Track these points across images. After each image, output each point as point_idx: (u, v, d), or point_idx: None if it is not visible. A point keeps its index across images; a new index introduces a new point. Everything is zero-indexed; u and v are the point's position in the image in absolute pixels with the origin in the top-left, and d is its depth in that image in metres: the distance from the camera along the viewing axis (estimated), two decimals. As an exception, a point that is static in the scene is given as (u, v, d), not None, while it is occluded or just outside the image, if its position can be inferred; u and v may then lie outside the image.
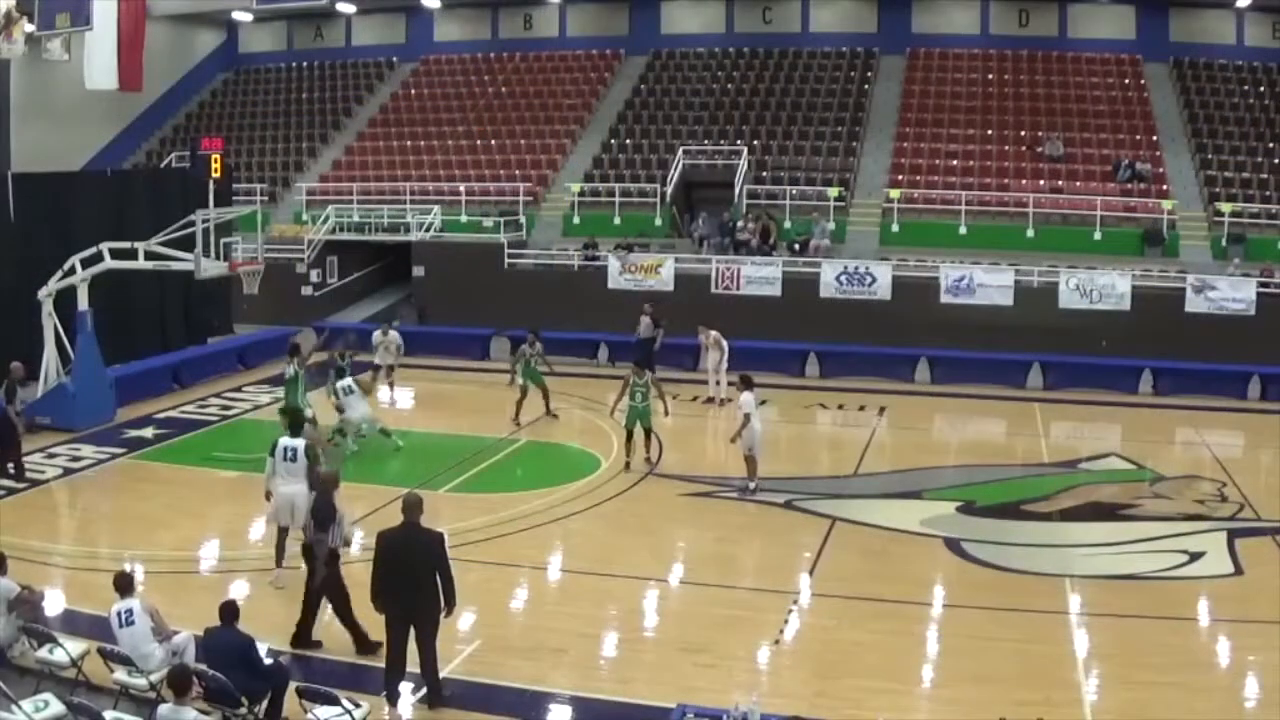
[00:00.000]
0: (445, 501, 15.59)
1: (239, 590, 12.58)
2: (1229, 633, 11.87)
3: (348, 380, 18.32)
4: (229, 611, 9.37)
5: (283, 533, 12.69)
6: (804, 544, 14.34)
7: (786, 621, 11.96)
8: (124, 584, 9.93)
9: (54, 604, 11.76)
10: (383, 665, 10.11)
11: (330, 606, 11.01)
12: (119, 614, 9.73)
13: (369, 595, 10.04)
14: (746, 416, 16.11)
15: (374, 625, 10.35)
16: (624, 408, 17.71)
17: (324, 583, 10.90)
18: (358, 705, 9.00)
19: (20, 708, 8.71)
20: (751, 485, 16.29)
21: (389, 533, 10.04)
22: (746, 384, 16.55)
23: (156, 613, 9.89)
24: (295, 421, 13.34)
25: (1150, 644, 11.43)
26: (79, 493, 16.60)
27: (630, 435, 17.63)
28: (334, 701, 8.92)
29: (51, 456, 17.83)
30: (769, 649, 11.33)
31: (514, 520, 15.01)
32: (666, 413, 18.22)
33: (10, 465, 16.62)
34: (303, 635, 11.03)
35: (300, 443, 12.68)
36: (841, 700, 10.12)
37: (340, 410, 18.22)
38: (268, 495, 12.91)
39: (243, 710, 9.02)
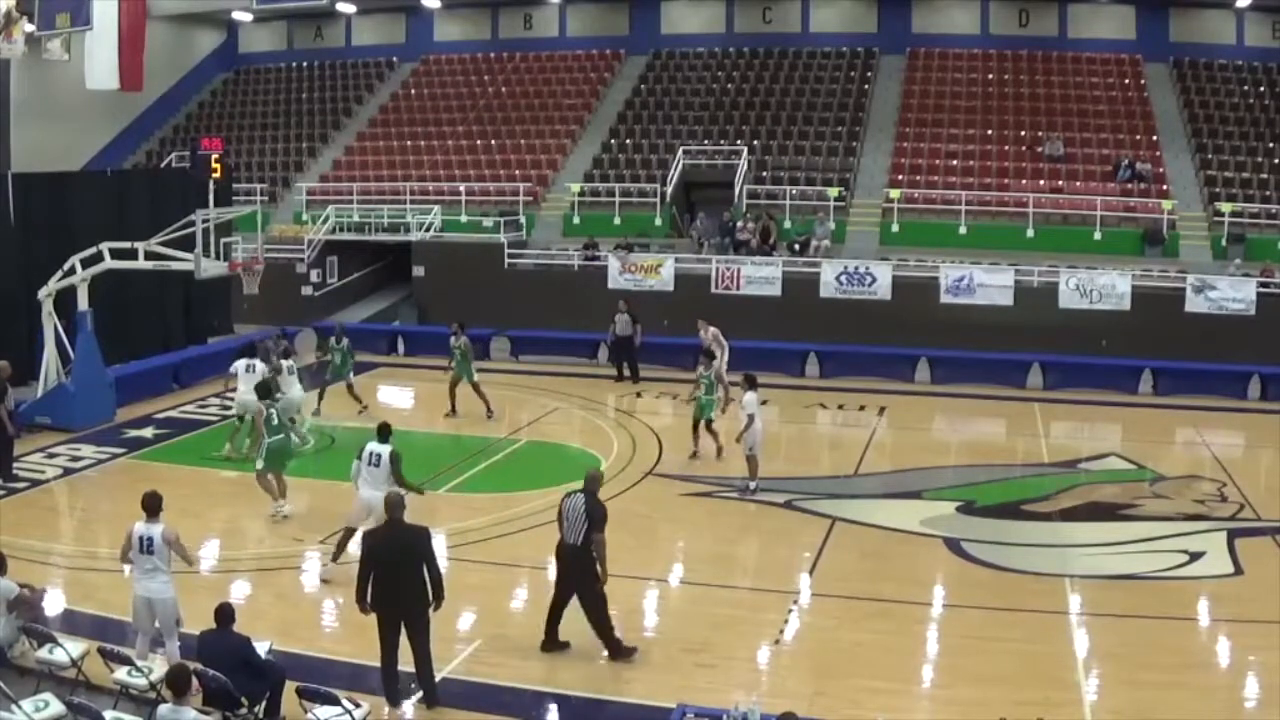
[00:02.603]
0: (445, 501, 15.59)
1: (239, 590, 12.60)
2: (1229, 633, 11.88)
3: (290, 361, 18.76)
4: (224, 614, 9.34)
5: (350, 533, 12.77)
6: (804, 544, 14.34)
7: (786, 621, 11.96)
8: (152, 505, 10.10)
9: (54, 604, 11.77)
10: (400, 669, 10.08)
11: (587, 610, 10.85)
12: (140, 539, 9.96)
13: (354, 595, 9.97)
14: (750, 417, 16.09)
15: (367, 625, 10.32)
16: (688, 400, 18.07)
17: (597, 587, 10.82)
18: (358, 705, 9.00)
19: (20, 708, 8.72)
20: (752, 485, 16.29)
21: (374, 532, 10.10)
22: (750, 384, 16.49)
23: (177, 540, 10.06)
24: (383, 428, 13.29)
25: (1150, 644, 11.42)
26: (79, 492, 16.60)
27: (696, 425, 18.00)
28: (334, 701, 8.92)
29: (51, 456, 17.84)
30: (769, 649, 11.33)
31: (514, 520, 15.00)
32: (723, 410, 18.22)
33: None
34: (552, 637, 10.99)
35: (386, 449, 12.77)
36: (841, 700, 10.12)
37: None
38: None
39: (243, 710, 9.02)
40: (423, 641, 9.85)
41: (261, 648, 9.64)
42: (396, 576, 9.76)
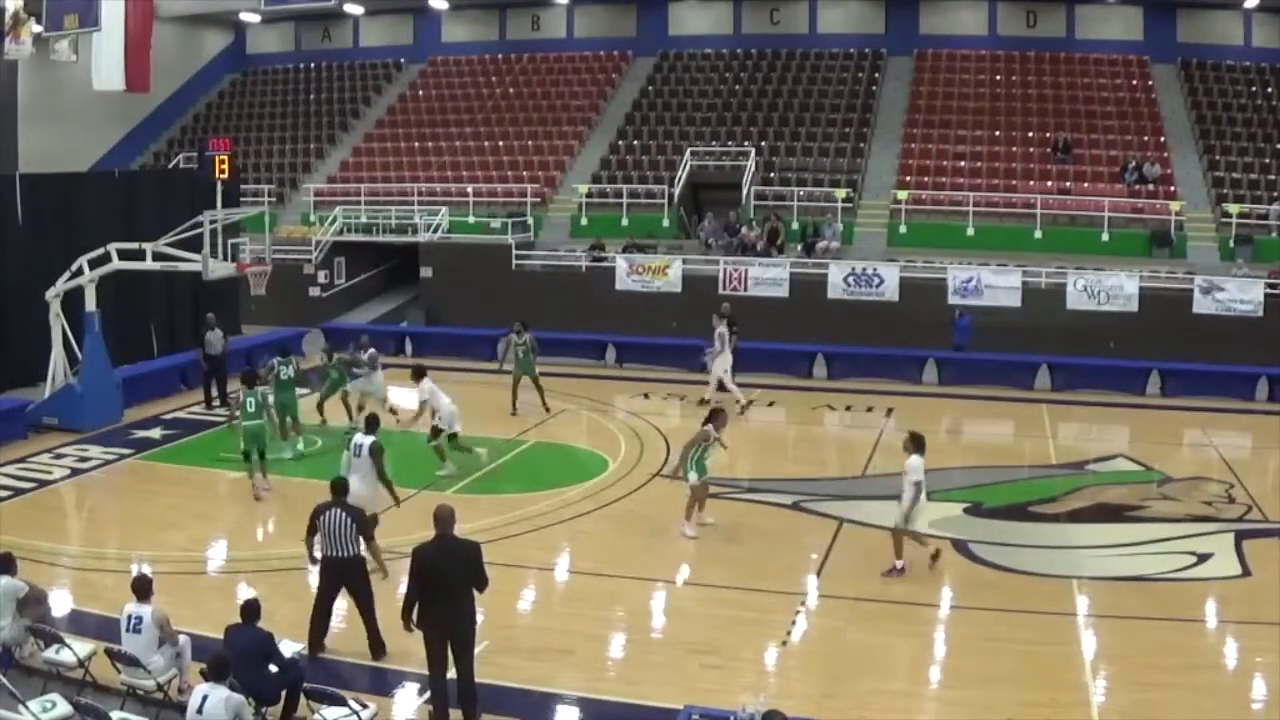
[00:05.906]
0: (452, 502, 15.52)
1: (246, 591, 12.59)
2: (1237, 634, 11.85)
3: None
4: (249, 609, 9.39)
5: None
6: (811, 545, 14.33)
7: (794, 623, 11.95)
8: (141, 589, 9.84)
9: (61, 604, 11.79)
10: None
11: None
12: (129, 618, 9.71)
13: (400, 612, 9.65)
14: (918, 485, 13.00)
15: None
16: None
17: None
18: (365, 706, 9.00)
19: (27, 708, 8.74)
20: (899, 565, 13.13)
21: (424, 549, 9.56)
22: (917, 445, 13.14)
23: (167, 623, 9.77)
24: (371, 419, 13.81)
25: (1158, 645, 11.40)
26: (86, 493, 16.64)
27: None
28: (340, 702, 8.92)
29: (59, 457, 17.88)
30: (776, 650, 11.32)
31: (521, 521, 15.01)
32: None
33: None
34: None
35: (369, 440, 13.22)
36: (848, 702, 10.10)
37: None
38: None
39: (250, 707, 9.01)
40: (468, 660, 9.56)
41: (290, 649, 9.65)
42: (444, 593, 9.42)
